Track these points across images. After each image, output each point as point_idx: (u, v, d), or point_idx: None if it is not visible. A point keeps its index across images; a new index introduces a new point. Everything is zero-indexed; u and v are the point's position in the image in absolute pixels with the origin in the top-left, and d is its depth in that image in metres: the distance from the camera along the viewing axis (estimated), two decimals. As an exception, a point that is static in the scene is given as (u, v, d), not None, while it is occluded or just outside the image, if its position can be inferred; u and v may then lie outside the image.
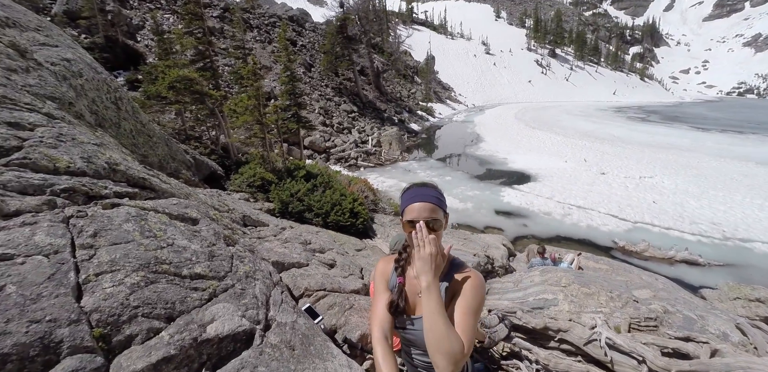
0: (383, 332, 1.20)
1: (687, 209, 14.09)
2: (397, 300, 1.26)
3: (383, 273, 1.36)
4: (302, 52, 29.09)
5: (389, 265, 1.37)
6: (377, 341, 1.17)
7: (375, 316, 1.26)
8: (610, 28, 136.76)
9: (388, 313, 1.26)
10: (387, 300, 1.28)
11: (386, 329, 1.22)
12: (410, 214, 1.17)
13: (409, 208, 1.18)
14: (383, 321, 1.24)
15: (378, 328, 1.21)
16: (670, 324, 4.12)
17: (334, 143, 20.85)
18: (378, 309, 1.27)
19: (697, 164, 20.45)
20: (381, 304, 1.27)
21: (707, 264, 10.55)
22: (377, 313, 1.26)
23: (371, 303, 1.31)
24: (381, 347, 1.15)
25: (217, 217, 2.44)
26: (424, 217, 1.15)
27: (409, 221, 1.17)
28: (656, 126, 36.81)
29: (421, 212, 1.16)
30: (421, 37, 63.87)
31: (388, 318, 1.25)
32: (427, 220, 1.14)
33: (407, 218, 1.18)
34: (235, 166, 9.30)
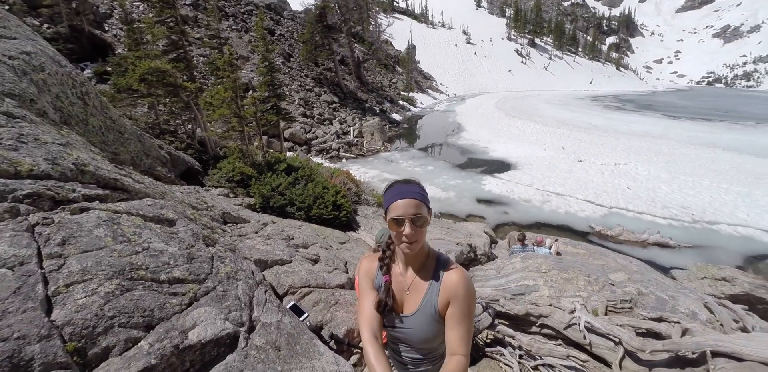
0: (373, 332, 1.19)
1: (659, 194, 14.70)
2: (384, 299, 1.25)
3: (368, 272, 1.35)
4: (281, 41, 28.24)
5: (373, 264, 1.35)
6: (368, 342, 1.16)
7: (363, 316, 1.25)
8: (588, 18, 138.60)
9: (375, 312, 1.25)
10: (374, 299, 1.27)
11: (375, 329, 1.21)
12: (395, 211, 1.15)
13: (393, 205, 1.17)
14: (372, 320, 1.23)
15: (367, 329, 1.20)
16: (644, 305, 4.33)
17: (315, 135, 20.55)
18: (365, 309, 1.26)
19: (668, 151, 21.27)
20: (368, 304, 1.26)
21: (677, 246, 11.10)
22: (365, 313, 1.25)
23: (357, 303, 1.31)
24: (372, 348, 1.14)
25: (195, 216, 2.38)
26: (409, 214, 1.13)
27: (394, 219, 1.15)
28: (631, 114, 37.92)
29: (406, 209, 1.14)
30: (402, 26, 63.03)
31: (377, 317, 1.25)
32: (413, 217, 1.13)
33: (392, 216, 1.16)
34: (213, 160, 9.05)
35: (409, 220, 1.13)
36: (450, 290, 1.19)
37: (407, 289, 1.27)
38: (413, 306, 1.25)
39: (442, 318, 1.21)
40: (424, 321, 1.24)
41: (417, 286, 1.26)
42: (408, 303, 1.27)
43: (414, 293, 1.26)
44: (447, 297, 1.19)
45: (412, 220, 1.13)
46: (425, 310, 1.23)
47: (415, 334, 1.27)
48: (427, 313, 1.22)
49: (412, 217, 1.13)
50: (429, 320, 1.23)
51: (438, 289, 1.21)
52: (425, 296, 1.23)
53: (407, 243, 1.15)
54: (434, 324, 1.22)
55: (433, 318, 1.22)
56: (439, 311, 1.21)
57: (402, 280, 1.29)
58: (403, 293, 1.28)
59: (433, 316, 1.22)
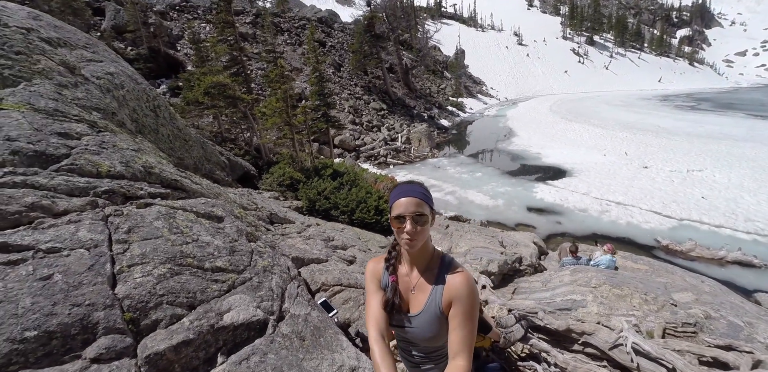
0: (379, 332, 1.22)
1: (741, 205, 12.95)
2: (392, 298, 1.28)
3: (374, 273, 1.38)
4: (331, 52, 29.57)
5: (379, 265, 1.39)
6: (374, 341, 1.18)
7: (370, 316, 1.28)
8: (654, 10, 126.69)
9: (382, 312, 1.28)
10: (381, 299, 1.31)
11: (382, 328, 1.24)
12: (397, 209, 1.19)
13: (396, 203, 1.20)
14: (379, 320, 1.26)
15: (374, 328, 1.23)
16: (712, 330, 3.86)
17: (363, 141, 21.07)
18: (372, 308, 1.29)
19: (754, 155, 18.66)
20: (375, 304, 1.30)
21: (764, 266, 9.66)
22: (372, 312, 1.28)
23: (365, 303, 1.36)
24: (378, 347, 1.17)
25: (241, 214, 2.62)
26: (410, 213, 1.16)
27: (396, 216, 1.19)
28: (707, 115, 33.94)
29: (408, 207, 1.17)
30: (450, 31, 62.73)
31: (383, 317, 1.28)
32: (413, 215, 1.16)
33: (394, 213, 1.19)
34: (266, 165, 9.72)
35: (410, 218, 1.16)
36: (452, 291, 1.20)
37: (413, 289, 1.30)
38: (419, 306, 1.28)
39: (446, 318, 1.23)
40: (429, 320, 1.26)
41: (422, 286, 1.28)
42: (414, 303, 1.30)
43: (419, 293, 1.28)
44: (450, 297, 1.20)
45: (413, 218, 1.16)
46: (430, 310, 1.25)
47: (420, 333, 1.29)
48: (432, 312, 1.24)
49: (413, 215, 1.16)
50: (433, 320, 1.25)
51: (442, 290, 1.23)
52: (430, 296, 1.25)
53: (408, 240, 1.18)
54: (438, 324, 1.24)
55: (438, 318, 1.24)
56: (442, 311, 1.22)
57: (408, 280, 1.32)
58: (409, 293, 1.31)
59: (437, 315, 1.24)
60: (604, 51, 75.81)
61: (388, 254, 1.37)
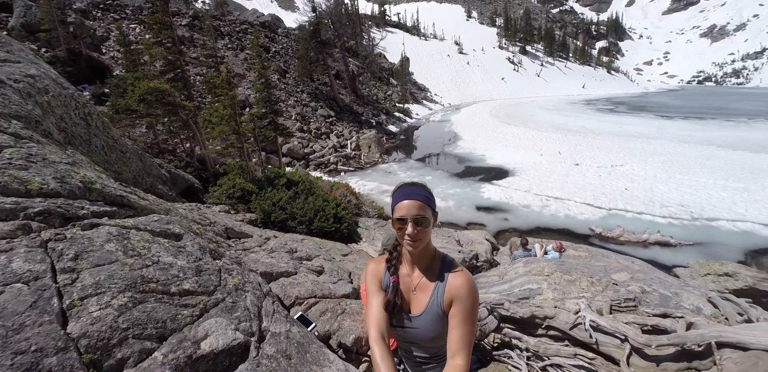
0: (380, 332, 1.21)
1: (656, 194, 14.73)
2: (393, 298, 1.28)
3: (375, 274, 1.37)
4: (276, 58, 28.82)
5: (380, 265, 1.39)
6: (374, 341, 1.18)
7: (370, 316, 1.27)
8: (577, 24, 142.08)
9: (383, 312, 1.27)
10: (382, 300, 1.30)
11: (383, 329, 1.23)
12: (399, 211, 1.20)
13: (398, 205, 1.22)
14: (379, 321, 1.25)
15: (375, 328, 1.22)
16: (648, 303, 4.33)
17: (312, 149, 20.72)
18: (373, 309, 1.28)
19: (663, 151, 21.43)
20: (376, 304, 1.29)
21: (678, 244, 11.08)
22: (372, 313, 1.27)
23: (365, 304, 1.33)
24: (379, 347, 1.16)
25: (200, 231, 2.40)
26: (412, 215, 1.18)
27: (398, 219, 1.20)
28: (624, 116, 38.34)
29: (409, 210, 1.19)
30: (395, 39, 64.37)
31: (384, 317, 1.27)
32: (415, 217, 1.18)
33: (396, 216, 1.21)
34: (212, 178, 9.11)
35: (411, 220, 1.18)
36: (453, 290, 1.22)
37: (414, 289, 1.30)
38: (421, 306, 1.28)
39: (447, 317, 1.23)
40: (431, 320, 1.26)
41: (424, 286, 1.29)
42: (415, 303, 1.30)
43: (421, 293, 1.29)
44: (451, 297, 1.22)
45: (414, 221, 1.18)
46: (432, 310, 1.25)
47: (423, 333, 1.29)
48: (434, 312, 1.25)
49: (415, 218, 1.18)
50: (436, 319, 1.25)
51: (443, 289, 1.24)
52: (432, 296, 1.26)
53: (410, 242, 1.19)
54: (441, 323, 1.25)
55: (440, 317, 1.24)
56: (444, 310, 1.24)
57: (409, 280, 1.32)
58: (410, 293, 1.31)
59: (439, 315, 1.24)
60: (535, 60, 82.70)
61: (389, 255, 1.37)
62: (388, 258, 1.38)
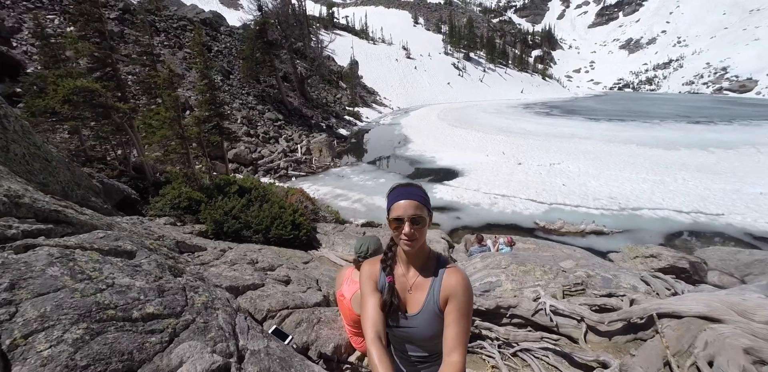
0: (377, 333, 1.21)
1: (590, 188, 16.22)
2: (390, 298, 1.29)
3: (370, 275, 1.37)
4: (219, 58, 27.30)
5: (375, 266, 1.38)
6: (371, 342, 1.17)
7: (367, 317, 1.26)
8: (515, 33, 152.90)
9: (380, 313, 1.27)
10: (378, 300, 1.29)
11: (379, 329, 1.23)
12: (396, 211, 1.22)
13: (395, 205, 1.23)
14: (376, 321, 1.24)
15: (371, 329, 1.21)
16: (593, 285, 4.77)
17: (261, 154, 19.92)
18: (369, 310, 1.27)
19: (593, 149, 23.67)
20: (371, 305, 1.28)
21: (610, 232, 12.30)
22: (368, 314, 1.26)
23: (361, 305, 1.32)
24: (376, 348, 1.15)
25: (155, 246, 2.18)
26: (409, 215, 1.19)
27: (394, 218, 1.21)
28: (558, 119, 41.76)
29: (406, 209, 1.20)
30: (344, 42, 64.23)
31: (381, 318, 1.26)
32: (412, 217, 1.19)
33: (393, 215, 1.22)
34: (153, 187, 8.35)
35: (408, 220, 1.19)
36: (449, 288, 1.24)
37: (410, 289, 1.31)
38: (417, 305, 1.29)
39: (444, 315, 1.25)
40: (428, 319, 1.27)
41: (419, 286, 1.30)
42: (411, 302, 1.31)
43: (417, 292, 1.30)
44: (447, 295, 1.24)
45: (411, 220, 1.19)
46: (429, 309, 1.27)
47: (421, 332, 1.30)
48: (431, 310, 1.27)
49: (412, 218, 1.20)
50: (433, 318, 1.27)
51: (439, 287, 1.26)
52: (428, 295, 1.28)
53: (407, 241, 1.21)
54: (438, 321, 1.26)
55: (437, 315, 1.26)
56: (440, 308, 1.25)
57: (405, 280, 1.33)
58: (406, 293, 1.32)
59: (436, 313, 1.26)
60: (478, 66, 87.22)
61: (384, 255, 1.37)
62: (383, 258, 1.38)
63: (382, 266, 1.37)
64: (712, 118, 42.15)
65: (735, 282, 7.59)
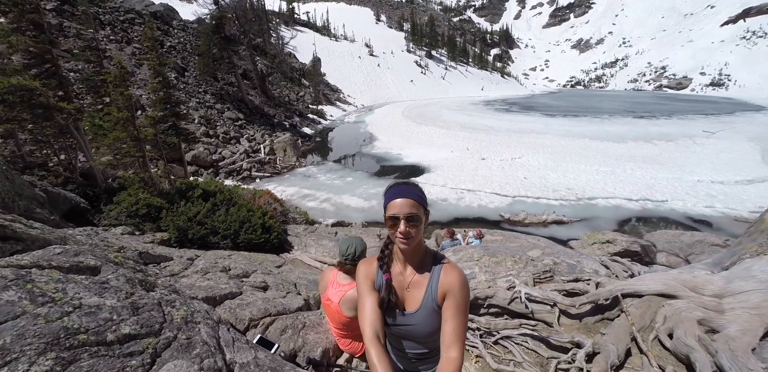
0: (375, 332, 1.21)
1: (549, 180, 17.08)
2: (387, 296, 1.29)
3: (367, 274, 1.36)
4: (172, 54, 25.74)
5: (371, 266, 1.38)
6: (370, 341, 1.17)
7: (365, 317, 1.26)
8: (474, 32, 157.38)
9: (378, 312, 1.27)
10: (375, 300, 1.30)
11: (378, 329, 1.23)
12: (392, 209, 1.22)
13: (391, 204, 1.23)
14: (374, 321, 1.25)
15: (370, 329, 1.22)
16: (560, 272, 5.03)
17: (222, 155, 19.12)
18: (367, 309, 1.27)
19: (550, 143, 24.91)
20: (369, 304, 1.28)
21: (570, 221, 13.05)
22: (366, 313, 1.26)
23: (358, 305, 1.31)
24: (374, 347, 1.15)
25: (120, 259, 2.02)
26: (405, 213, 1.20)
27: (391, 217, 1.22)
28: (518, 115, 43.51)
29: (402, 208, 1.20)
30: (305, 38, 62.88)
31: (379, 317, 1.27)
32: (407, 215, 1.20)
33: (389, 214, 1.23)
34: (105, 194, 7.73)
35: (404, 218, 1.20)
36: (446, 285, 1.26)
37: (407, 287, 1.32)
38: (416, 302, 1.30)
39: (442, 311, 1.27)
40: (427, 316, 1.29)
41: (417, 283, 1.31)
42: (409, 300, 1.32)
43: (415, 290, 1.31)
44: (444, 291, 1.26)
45: (407, 219, 1.20)
46: (427, 306, 1.28)
47: (421, 329, 1.31)
48: (429, 307, 1.28)
49: (407, 216, 1.20)
50: (432, 314, 1.28)
51: (436, 284, 1.28)
52: (426, 292, 1.29)
53: (403, 239, 1.21)
54: (437, 318, 1.28)
55: (435, 312, 1.28)
56: (438, 304, 1.27)
57: (402, 278, 1.34)
58: (404, 291, 1.33)
59: (435, 309, 1.28)
60: (440, 64, 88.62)
61: (381, 253, 1.37)
62: (379, 256, 1.38)
63: (379, 264, 1.37)
64: (654, 113, 45.74)
65: (680, 261, 8.29)
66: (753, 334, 2.92)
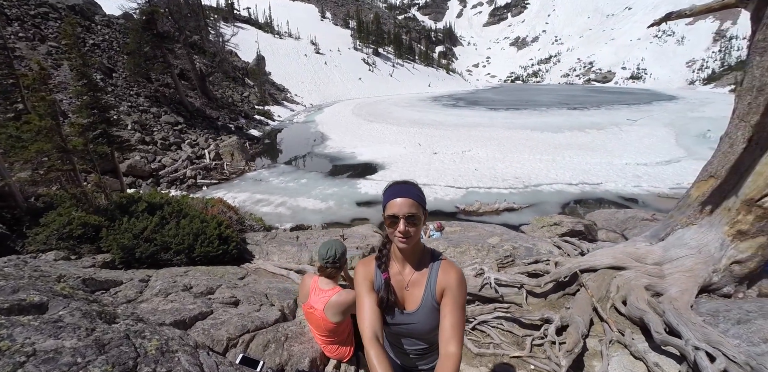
0: (374, 332, 1.21)
1: (498, 171, 18.02)
2: (387, 295, 1.30)
3: (366, 275, 1.36)
4: (96, 53, 23.23)
5: (370, 266, 1.38)
6: (369, 342, 1.17)
7: (363, 318, 1.26)
8: (419, 30, 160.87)
9: (377, 312, 1.28)
10: (374, 300, 1.30)
11: (377, 329, 1.23)
12: (391, 209, 1.23)
13: (390, 203, 1.24)
14: (373, 321, 1.25)
15: (369, 329, 1.22)
16: (520, 256, 5.35)
17: (161, 163, 17.74)
18: (366, 309, 1.27)
19: (496, 136, 26.23)
20: (368, 305, 1.28)
21: (519, 208, 13.89)
22: (365, 314, 1.26)
23: (357, 305, 1.31)
24: (374, 348, 1.16)
25: (68, 291, 1.79)
26: (404, 213, 1.21)
27: (390, 216, 1.23)
28: (464, 110, 45.19)
29: (401, 208, 1.21)
30: (247, 35, 60.00)
31: (378, 317, 1.27)
32: (407, 215, 1.21)
33: (389, 213, 1.24)
34: (28, 216, 6.80)
35: (403, 218, 1.21)
36: (444, 282, 1.29)
37: (407, 286, 1.34)
38: (416, 301, 1.33)
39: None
40: (428, 313, 1.31)
41: (416, 282, 1.33)
42: (409, 299, 1.34)
43: (414, 289, 1.33)
44: (442, 288, 1.29)
45: (406, 218, 1.21)
46: (427, 304, 1.31)
47: (421, 327, 1.34)
48: (429, 305, 1.31)
49: (406, 216, 1.21)
50: (432, 312, 1.31)
51: (435, 281, 1.30)
52: (425, 290, 1.32)
53: (402, 239, 1.23)
54: (437, 314, 1.30)
55: (435, 309, 1.31)
56: (437, 301, 1.30)
57: (401, 278, 1.35)
58: (403, 290, 1.34)
59: (434, 307, 1.30)
60: (387, 61, 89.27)
61: (379, 252, 1.39)
62: (377, 256, 1.39)
63: (377, 263, 1.37)
64: (585, 105, 49.97)
65: (618, 236, 9.16)
66: (690, 293, 3.36)
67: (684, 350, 2.63)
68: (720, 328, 2.93)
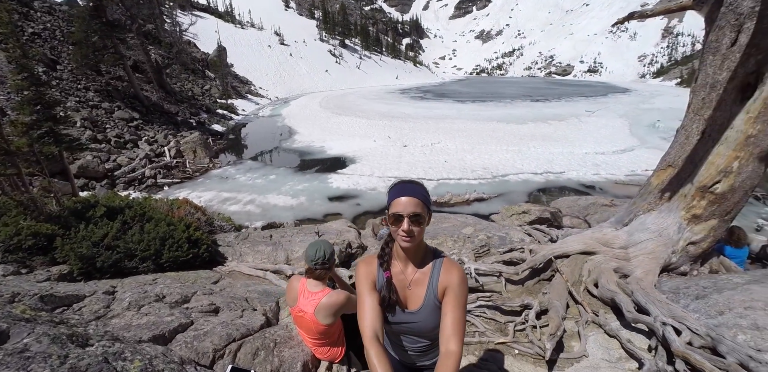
0: (374, 332, 1.21)
1: (467, 162, 18.41)
2: (388, 294, 1.30)
3: (367, 275, 1.35)
4: (36, 43, 21.13)
5: (372, 266, 1.37)
6: (369, 341, 1.17)
7: (364, 317, 1.26)
8: (386, 22, 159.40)
9: (377, 312, 1.27)
10: (375, 299, 1.30)
11: (377, 329, 1.23)
12: (396, 207, 1.23)
13: (395, 201, 1.24)
14: (374, 321, 1.24)
15: (369, 329, 1.22)
16: (494, 245, 5.50)
17: (117, 163, 16.61)
18: (366, 309, 1.27)
19: (464, 128, 26.71)
20: (369, 304, 1.28)
21: (489, 197, 14.32)
22: (366, 314, 1.26)
23: (357, 305, 1.30)
24: (374, 348, 1.16)
25: (30, 315, 1.63)
26: (408, 212, 1.21)
27: (394, 214, 1.23)
28: (432, 102, 45.53)
29: (406, 207, 1.21)
30: (207, 25, 56.74)
31: (379, 317, 1.27)
32: (411, 214, 1.21)
33: (393, 211, 1.23)
34: (-34, 225, 6.17)
35: (407, 217, 1.21)
36: (446, 280, 1.30)
37: (409, 285, 1.34)
38: (418, 300, 1.34)
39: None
40: (431, 312, 1.33)
41: (418, 281, 1.34)
42: (412, 298, 1.35)
43: (416, 288, 1.34)
44: (444, 286, 1.30)
45: (410, 218, 1.21)
46: (430, 303, 1.32)
47: (425, 325, 1.35)
48: (432, 304, 1.32)
49: (411, 215, 1.21)
50: (434, 310, 1.32)
51: (437, 280, 1.31)
52: (428, 289, 1.32)
53: (405, 238, 1.23)
54: (439, 313, 1.31)
55: (437, 307, 1.32)
56: (439, 300, 1.31)
57: (403, 277, 1.36)
58: (405, 290, 1.34)
59: (437, 305, 1.32)
60: (354, 53, 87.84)
61: (381, 251, 1.38)
62: (380, 254, 1.38)
63: (380, 262, 1.37)
64: (547, 97, 51.88)
65: (581, 222, 9.63)
66: (653, 273, 3.64)
67: (653, 326, 2.85)
68: (681, 303, 3.20)
